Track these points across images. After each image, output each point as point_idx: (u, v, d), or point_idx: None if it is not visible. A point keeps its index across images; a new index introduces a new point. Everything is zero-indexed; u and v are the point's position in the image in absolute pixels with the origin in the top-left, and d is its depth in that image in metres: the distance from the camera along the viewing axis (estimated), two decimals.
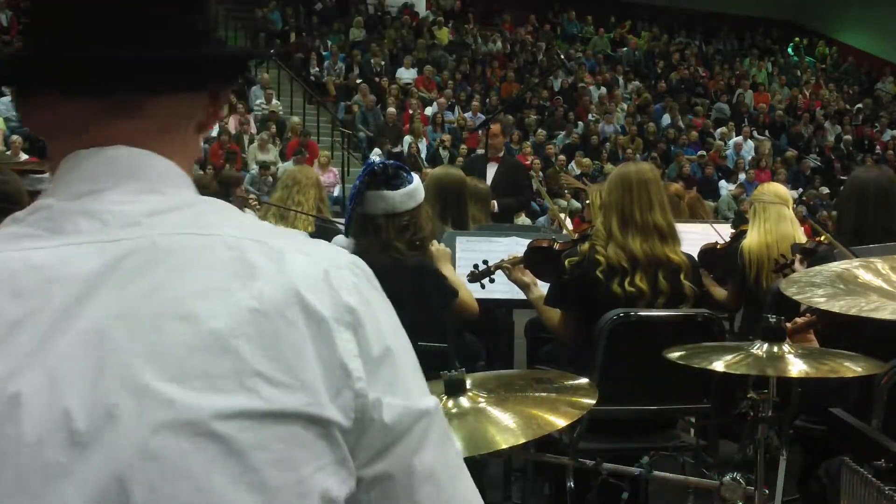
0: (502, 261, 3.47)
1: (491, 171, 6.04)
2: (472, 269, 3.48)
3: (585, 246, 3.14)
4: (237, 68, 0.98)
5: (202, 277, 0.79)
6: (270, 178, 12.07)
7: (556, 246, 3.47)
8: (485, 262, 3.52)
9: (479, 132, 6.79)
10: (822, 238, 3.33)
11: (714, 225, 4.78)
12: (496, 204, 5.81)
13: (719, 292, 4.17)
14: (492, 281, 3.52)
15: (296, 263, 0.83)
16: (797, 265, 3.40)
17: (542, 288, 3.39)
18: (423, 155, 14.07)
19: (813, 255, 3.29)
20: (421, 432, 0.86)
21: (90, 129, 0.86)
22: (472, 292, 3.40)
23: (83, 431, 0.73)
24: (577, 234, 3.80)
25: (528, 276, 3.41)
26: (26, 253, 0.79)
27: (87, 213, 0.82)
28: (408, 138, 14.49)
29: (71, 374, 0.75)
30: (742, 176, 15.80)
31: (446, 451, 0.90)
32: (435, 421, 0.88)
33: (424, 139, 14.78)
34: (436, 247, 3.30)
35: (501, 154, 6.42)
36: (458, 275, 3.43)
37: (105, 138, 0.85)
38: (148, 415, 0.74)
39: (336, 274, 0.84)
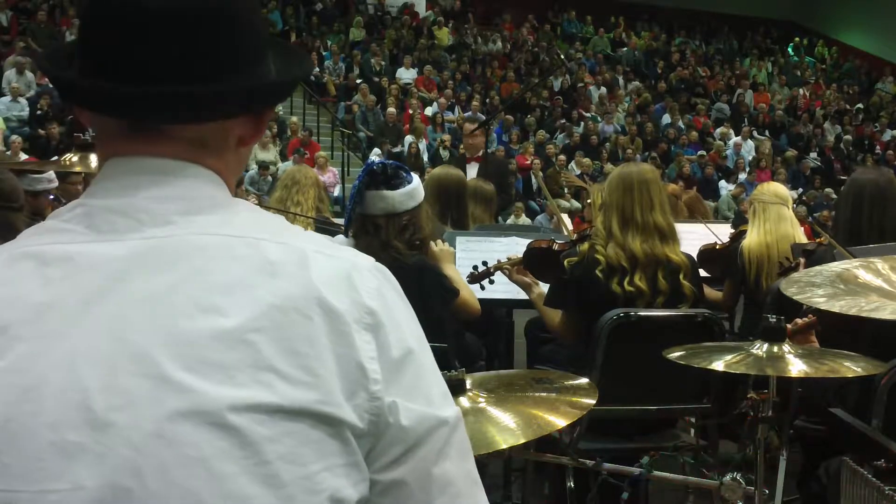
0: (502, 262, 3.47)
1: (472, 171, 6.02)
2: (472, 271, 3.48)
3: (585, 246, 3.15)
4: (270, 95, 0.97)
5: (225, 274, 0.81)
6: (270, 178, 12.07)
7: (556, 246, 3.47)
8: (484, 263, 3.52)
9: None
10: (822, 239, 3.33)
11: (711, 225, 4.77)
12: None
13: (714, 294, 4.16)
14: (491, 282, 3.51)
15: (317, 264, 0.84)
16: (802, 268, 3.40)
17: (543, 288, 3.39)
18: (424, 155, 14.08)
19: (812, 256, 3.29)
20: (441, 441, 0.86)
21: (124, 143, 0.88)
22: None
23: (100, 413, 0.75)
24: (575, 235, 3.80)
25: (528, 276, 3.41)
26: (61, 246, 0.82)
27: (123, 212, 0.84)
28: (409, 138, 14.48)
29: (92, 357, 0.77)
30: (742, 176, 15.80)
31: (465, 463, 0.90)
32: (457, 431, 0.88)
33: (424, 139, 14.78)
34: (439, 247, 3.30)
35: (480, 153, 6.41)
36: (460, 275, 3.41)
37: (140, 152, 0.88)
38: (164, 401, 0.76)
39: (358, 276, 0.86)
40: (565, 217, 7.17)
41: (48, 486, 0.74)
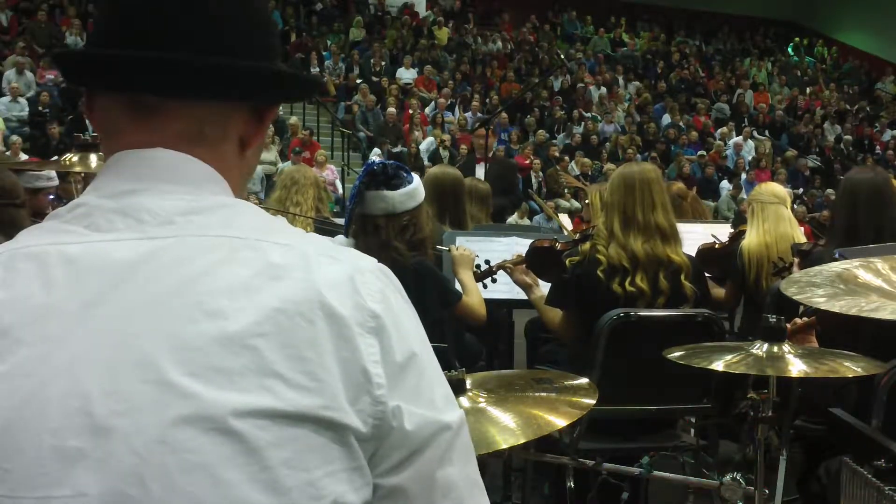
0: (505, 261, 3.47)
1: (480, 172, 6.02)
2: (475, 270, 3.48)
3: (587, 246, 3.15)
4: (273, 86, 0.95)
5: (228, 277, 0.80)
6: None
7: (558, 246, 3.48)
8: (487, 262, 3.53)
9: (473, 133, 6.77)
10: (821, 243, 3.33)
11: (709, 225, 4.77)
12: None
13: (717, 292, 4.17)
14: (493, 281, 3.52)
15: (321, 267, 0.83)
16: (796, 268, 3.40)
17: (544, 288, 3.39)
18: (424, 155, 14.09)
19: (809, 256, 3.29)
20: (444, 445, 0.85)
21: (123, 131, 0.88)
22: None
23: (101, 419, 0.74)
24: (577, 234, 3.80)
25: (529, 277, 3.41)
26: (62, 247, 0.81)
27: (123, 211, 0.84)
28: (430, 139, 14.49)
29: (94, 362, 0.76)
30: (742, 176, 15.81)
31: (467, 467, 0.89)
32: (460, 436, 0.88)
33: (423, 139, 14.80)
34: (459, 251, 3.29)
35: (491, 154, 6.42)
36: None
37: (137, 141, 0.87)
38: (167, 407, 0.75)
39: (361, 279, 0.85)
40: (565, 218, 7.16)
41: (50, 492, 0.73)
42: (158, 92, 0.87)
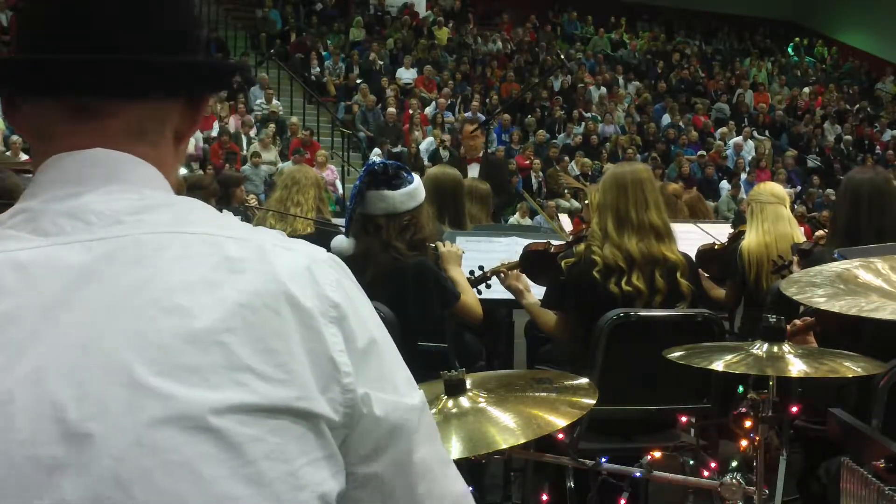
0: (497, 267, 3.47)
1: (472, 172, 6.00)
2: (469, 276, 3.48)
3: (582, 247, 3.15)
4: (210, 79, 0.96)
5: (187, 272, 0.80)
6: (263, 171, 12.13)
7: (552, 248, 3.48)
8: (480, 267, 3.52)
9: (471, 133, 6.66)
10: (821, 239, 3.33)
11: (709, 225, 4.77)
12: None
13: (718, 292, 4.17)
14: (488, 286, 3.51)
15: (278, 258, 0.84)
16: (795, 266, 3.40)
17: (537, 293, 3.39)
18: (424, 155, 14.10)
19: (809, 256, 3.29)
20: (413, 428, 0.88)
21: (60, 134, 0.86)
22: None
23: (76, 425, 0.73)
24: (571, 236, 3.80)
25: (521, 283, 3.40)
26: (10, 254, 0.79)
27: (69, 214, 0.82)
28: (430, 139, 14.49)
29: (60, 368, 0.75)
30: (742, 176, 15.82)
31: (435, 445, 0.92)
32: (424, 415, 0.90)
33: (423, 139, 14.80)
34: (447, 248, 3.29)
35: (481, 154, 6.40)
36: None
37: (76, 143, 0.86)
38: (142, 409, 0.74)
39: (318, 269, 0.85)
40: (564, 218, 7.16)
41: (29, 503, 0.72)
42: (101, 94, 0.86)
